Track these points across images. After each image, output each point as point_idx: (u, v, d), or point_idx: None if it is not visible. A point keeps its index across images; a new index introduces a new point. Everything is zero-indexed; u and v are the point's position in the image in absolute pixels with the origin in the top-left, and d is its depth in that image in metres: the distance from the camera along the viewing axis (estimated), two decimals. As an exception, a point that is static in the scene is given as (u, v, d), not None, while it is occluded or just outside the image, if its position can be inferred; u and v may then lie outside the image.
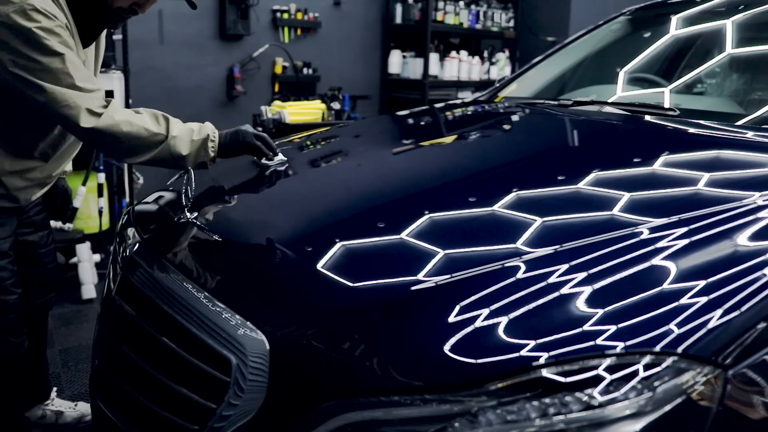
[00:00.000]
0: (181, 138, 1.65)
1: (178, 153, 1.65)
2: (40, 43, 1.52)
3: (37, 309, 2.07)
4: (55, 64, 1.53)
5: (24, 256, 1.92)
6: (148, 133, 1.61)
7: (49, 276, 2.05)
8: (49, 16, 1.54)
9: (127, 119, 1.60)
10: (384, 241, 1.21)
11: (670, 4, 2.51)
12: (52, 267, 2.07)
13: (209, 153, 1.70)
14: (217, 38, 4.76)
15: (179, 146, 1.64)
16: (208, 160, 1.71)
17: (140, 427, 1.22)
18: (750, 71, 2.26)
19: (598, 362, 0.88)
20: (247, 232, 1.40)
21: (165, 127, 1.64)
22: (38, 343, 2.14)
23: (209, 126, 1.73)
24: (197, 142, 1.67)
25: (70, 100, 1.54)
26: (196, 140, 1.67)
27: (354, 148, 2.03)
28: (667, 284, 0.98)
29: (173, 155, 1.65)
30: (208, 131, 1.70)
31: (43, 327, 2.16)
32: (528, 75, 2.62)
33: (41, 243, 2.00)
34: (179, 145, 1.64)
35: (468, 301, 0.98)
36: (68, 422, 2.26)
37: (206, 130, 1.70)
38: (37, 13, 1.52)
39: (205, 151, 1.69)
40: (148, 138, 1.61)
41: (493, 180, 1.52)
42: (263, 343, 1.03)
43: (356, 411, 0.93)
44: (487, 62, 6.11)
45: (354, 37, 5.59)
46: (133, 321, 1.27)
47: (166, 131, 1.63)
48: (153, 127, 1.62)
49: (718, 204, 1.18)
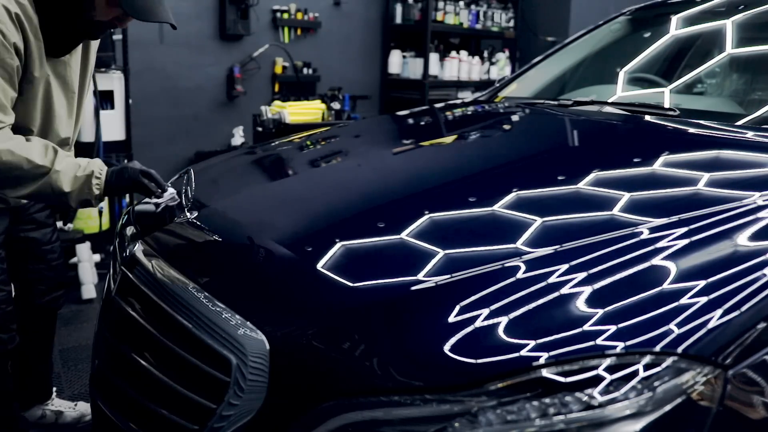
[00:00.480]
0: (64, 173, 1.58)
1: (60, 189, 1.57)
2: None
3: (44, 308, 2.07)
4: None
5: (26, 252, 1.93)
6: (30, 164, 1.54)
7: (53, 273, 2.05)
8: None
9: (9, 149, 1.53)
10: (384, 241, 1.21)
11: (670, 4, 2.51)
12: (57, 264, 2.07)
13: (93, 190, 1.61)
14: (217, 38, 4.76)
15: (62, 181, 1.57)
16: (92, 198, 1.63)
17: (140, 427, 1.22)
18: (750, 71, 2.26)
19: (598, 362, 0.88)
20: (247, 232, 1.40)
21: (51, 160, 1.57)
22: (44, 342, 2.14)
23: (97, 162, 1.65)
24: (81, 178, 1.60)
25: None
26: (80, 176, 1.60)
27: (354, 148, 2.03)
28: (667, 284, 0.98)
29: (54, 190, 1.58)
30: (94, 167, 1.62)
31: (51, 327, 2.16)
32: (528, 75, 2.62)
33: (44, 240, 2.00)
34: (62, 179, 1.57)
35: (468, 301, 0.98)
36: (68, 422, 2.26)
37: (92, 167, 1.62)
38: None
39: (89, 189, 1.61)
40: (29, 170, 1.54)
41: (493, 180, 1.52)
42: (263, 343, 1.03)
43: (356, 411, 0.93)
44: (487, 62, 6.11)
45: (354, 37, 5.59)
46: (133, 321, 1.27)
47: (51, 164, 1.56)
48: (37, 159, 1.55)
49: (718, 204, 1.18)
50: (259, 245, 1.32)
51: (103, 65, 3.53)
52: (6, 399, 1.90)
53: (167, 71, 4.55)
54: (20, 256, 1.88)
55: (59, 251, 2.09)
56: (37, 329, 2.00)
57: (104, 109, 3.60)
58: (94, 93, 3.40)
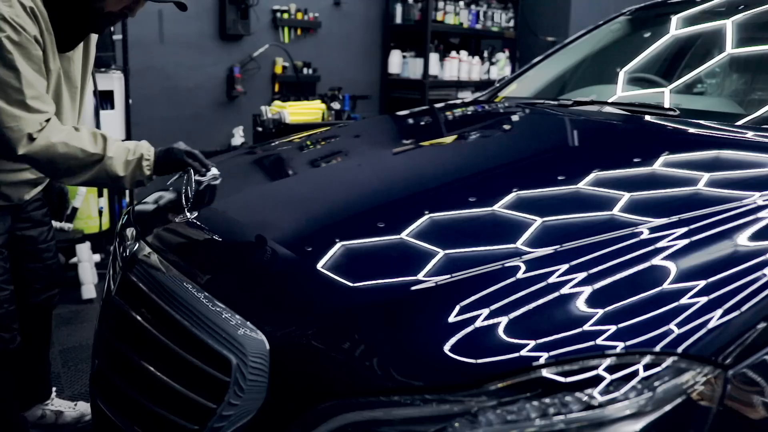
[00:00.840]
0: (117, 158, 1.65)
1: (114, 173, 1.65)
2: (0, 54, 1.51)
3: (40, 306, 2.07)
4: (8, 79, 1.53)
5: (23, 250, 1.93)
6: (84, 154, 1.61)
7: (49, 272, 2.05)
8: (17, 28, 1.53)
9: (65, 140, 1.59)
10: (384, 241, 1.21)
11: (670, 4, 2.51)
12: (53, 263, 2.07)
13: (144, 172, 1.70)
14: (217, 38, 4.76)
15: (115, 166, 1.65)
16: (144, 179, 1.71)
17: (140, 427, 1.22)
18: (750, 71, 2.26)
19: (598, 362, 0.88)
20: (247, 231, 1.40)
21: (102, 147, 1.64)
22: (41, 342, 2.14)
23: (145, 144, 1.73)
24: (132, 162, 1.68)
25: (13, 123, 1.54)
26: (131, 160, 1.68)
27: (354, 148, 2.03)
28: (667, 284, 0.98)
29: (110, 176, 1.66)
30: (143, 150, 1.70)
31: (47, 326, 2.16)
32: (528, 75, 2.62)
33: (41, 239, 2.01)
34: (115, 165, 1.65)
35: (468, 301, 0.98)
36: (68, 422, 2.26)
37: (141, 150, 1.70)
38: (5, 23, 1.51)
39: (140, 171, 1.69)
40: (84, 159, 1.62)
41: (493, 180, 1.52)
42: (263, 343, 1.03)
43: (356, 411, 0.93)
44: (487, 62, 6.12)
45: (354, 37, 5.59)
46: (133, 321, 1.27)
47: (103, 151, 1.64)
48: (90, 148, 1.62)
49: (718, 204, 1.18)
50: (259, 245, 1.32)
51: (103, 65, 3.53)
52: (6, 399, 1.90)
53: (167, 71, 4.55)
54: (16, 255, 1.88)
55: (54, 250, 2.09)
56: (33, 328, 2.00)
57: (104, 109, 3.60)
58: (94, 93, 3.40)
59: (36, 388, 2.23)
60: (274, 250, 1.26)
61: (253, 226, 1.42)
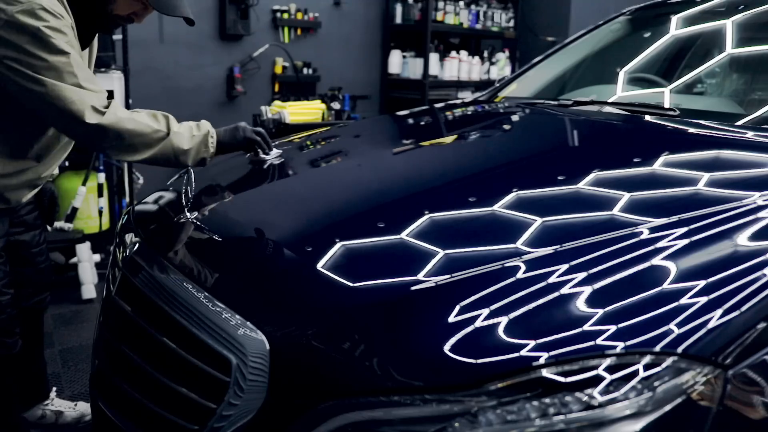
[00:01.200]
0: (182, 134, 1.68)
1: (180, 148, 1.67)
2: (46, 41, 1.53)
3: (31, 309, 2.06)
4: (60, 63, 1.54)
5: (16, 255, 1.93)
6: (151, 129, 1.63)
7: (41, 276, 2.05)
8: (57, 15, 1.56)
9: (131, 116, 1.62)
10: (384, 241, 1.21)
11: (670, 4, 2.51)
12: (45, 267, 2.07)
13: (209, 149, 1.73)
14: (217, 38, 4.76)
15: (181, 142, 1.67)
16: (208, 156, 1.74)
17: (140, 427, 1.22)
18: (750, 71, 2.26)
19: (598, 362, 0.88)
20: (247, 232, 1.40)
21: (165, 124, 1.67)
22: (34, 343, 2.14)
23: (207, 123, 1.77)
24: (198, 137, 1.71)
25: (75, 97, 1.55)
26: (197, 136, 1.71)
27: (354, 148, 2.03)
28: (667, 284, 0.98)
29: (175, 151, 1.67)
30: (207, 128, 1.75)
31: (39, 327, 2.16)
32: (528, 75, 2.62)
33: (33, 243, 2.00)
34: (181, 141, 1.67)
35: (468, 301, 0.98)
36: (68, 422, 2.26)
37: (206, 127, 1.74)
38: (46, 12, 1.54)
39: (206, 147, 1.72)
40: (150, 134, 1.63)
41: (493, 180, 1.52)
42: (263, 343, 1.03)
43: (356, 411, 0.93)
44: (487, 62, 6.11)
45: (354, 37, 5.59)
46: (133, 321, 1.27)
47: (167, 128, 1.66)
48: (155, 124, 1.65)
49: (718, 204, 1.18)
50: (259, 245, 1.32)
51: (103, 65, 3.53)
52: (8, 402, 1.90)
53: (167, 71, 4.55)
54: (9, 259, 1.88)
55: (46, 253, 2.08)
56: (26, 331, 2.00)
57: (104, 108, 3.59)
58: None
59: (34, 389, 2.22)
60: (274, 250, 1.26)
61: (253, 226, 1.42)
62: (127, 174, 3.79)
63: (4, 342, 1.81)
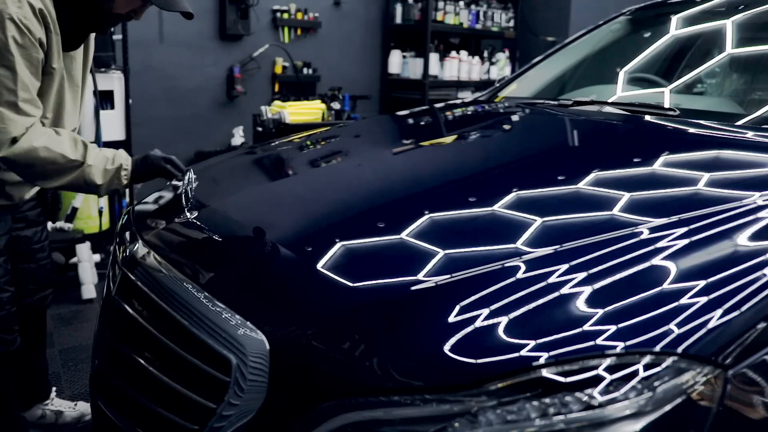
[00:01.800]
0: (96, 167, 1.69)
1: (92, 181, 1.69)
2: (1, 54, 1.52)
3: (33, 306, 2.07)
4: (4, 80, 1.54)
5: (17, 250, 1.93)
6: (65, 159, 1.64)
7: (43, 271, 2.05)
8: (23, 29, 1.55)
9: (45, 145, 1.61)
10: (384, 241, 1.21)
11: (670, 4, 2.51)
12: (46, 263, 2.08)
13: (122, 181, 1.75)
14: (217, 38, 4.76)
15: (94, 174, 1.69)
16: (120, 188, 1.76)
17: (140, 427, 1.22)
18: (750, 71, 2.26)
19: (598, 362, 0.88)
20: (247, 232, 1.40)
21: (82, 153, 1.67)
22: (36, 341, 2.14)
23: (122, 154, 1.77)
24: (111, 171, 1.72)
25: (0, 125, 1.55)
26: (110, 169, 1.72)
27: (354, 148, 2.03)
28: (667, 284, 0.98)
29: (87, 182, 1.69)
30: (122, 160, 1.75)
31: (42, 325, 2.16)
32: (528, 75, 2.62)
33: (35, 239, 2.01)
34: (94, 173, 1.68)
35: (468, 301, 0.98)
36: (68, 422, 2.26)
37: (120, 160, 1.74)
38: (12, 23, 1.53)
39: (118, 180, 1.74)
40: (63, 164, 1.64)
41: (493, 180, 1.52)
42: (263, 343, 1.03)
43: (356, 411, 0.93)
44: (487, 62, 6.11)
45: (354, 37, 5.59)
46: (133, 321, 1.27)
47: (83, 158, 1.67)
48: (70, 154, 1.65)
49: (718, 204, 1.18)
50: (259, 245, 1.32)
51: (103, 65, 3.53)
52: (6, 399, 1.90)
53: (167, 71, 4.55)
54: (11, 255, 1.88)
55: (48, 250, 2.10)
56: (28, 328, 2.00)
57: (104, 109, 3.59)
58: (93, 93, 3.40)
59: (34, 388, 2.23)
60: (274, 249, 1.26)
61: (253, 225, 1.42)
62: (127, 174, 3.78)
63: (3, 339, 1.82)
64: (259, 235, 1.36)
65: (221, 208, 1.54)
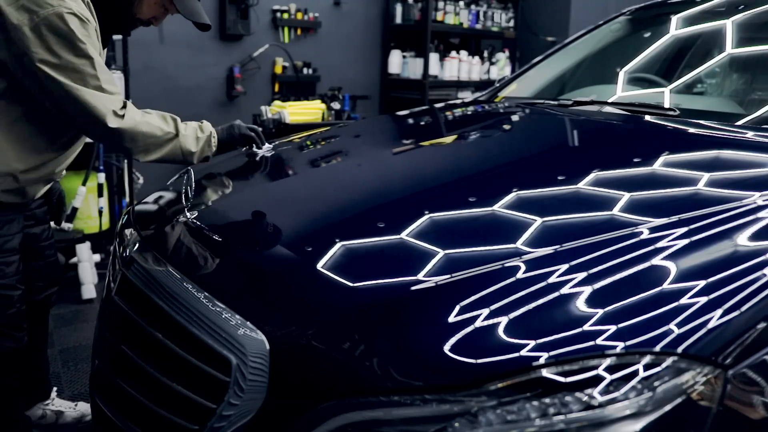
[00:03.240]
0: (189, 136, 1.80)
1: (188, 149, 1.79)
2: (74, 45, 1.59)
3: (39, 303, 2.08)
4: (85, 67, 1.62)
5: (28, 248, 1.95)
6: (162, 132, 1.74)
7: (51, 269, 2.08)
8: (84, 19, 1.62)
9: (144, 119, 1.71)
10: (384, 241, 1.21)
11: (670, 4, 2.51)
12: (54, 260, 2.11)
13: (212, 148, 1.86)
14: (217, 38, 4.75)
15: (189, 144, 1.79)
16: (210, 154, 1.87)
17: (140, 427, 1.22)
18: (750, 71, 2.26)
19: (598, 362, 0.88)
20: (247, 232, 1.40)
21: (174, 126, 1.77)
22: (39, 340, 2.15)
23: (209, 124, 1.89)
24: (203, 138, 1.83)
25: (97, 101, 1.63)
26: (201, 137, 1.83)
27: (354, 148, 2.03)
28: (667, 284, 0.98)
29: (183, 152, 1.79)
30: (210, 128, 1.87)
31: (45, 324, 2.17)
32: (528, 75, 2.62)
33: (42, 236, 2.03)
34: (188, 142, 1.79)
35: (468, 301, 0.98)
36: (68, 422, 2.26)
37: (209, 128, 1.87)
38: (74, 16, 1.60)
39: (209, 146, 1.85)
40: (161, 137, 1.74)
41: (493, 180, 1.52)
42: (263, 343, 1.03)
43: (356, 411, 0.93)
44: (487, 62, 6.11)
45: (354, 37, 5.59)
46: (133, 321, 1.27)
47: (175, 129, 1.77)
48: (165, 126, 1.75)
49: (718, 204, 1.18)
50: (259, 245, 1.32)
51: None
52: (12, 397, 1.91)
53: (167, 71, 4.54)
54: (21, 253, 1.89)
55: (54, 248, 2.12)
56: (33, 326, 2.02)
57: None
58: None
59: (36, 387, 2.23)
60: (274, 250, 1.26)
61: (253, 225, 1.42)
62: (127, 174, 3.79)
63: (12, 335, 1.84)
64: (259, 234, 1.36)
65: (221, 208, 1.54)
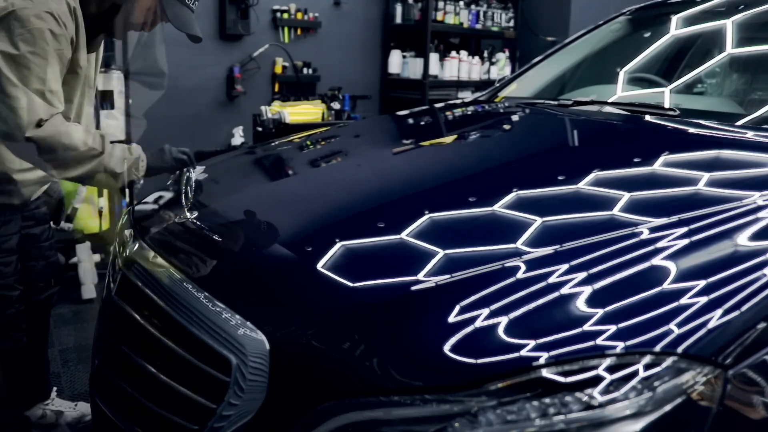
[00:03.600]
0: (115, 156, 1.70)
1: (112, 170, 1.70)
2: (37, 41, 1.55)
3: (40, 304, 2.08)
4: (36, 67, 1.56)
5: (27, 249, 1.95)
6: (86, 147, 1.65)
7: (51, 269, 2.08)
8: (60, 24, 1.59)
9: (68, 131, 1.62)
10: (384, 241, 1.21)
11: (670, 4, 2.50)
12: (54, 261, 2.11)
13: (140, 171, 1.77)
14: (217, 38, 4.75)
15: (113, 164, 1.70)
16: (136, 179, 1.78)
17: (140, 427, 1.22)
18: (750, 71, 2.26)
19: (598, 362, 0.88)
20: (247, 231, 1.40)
21: (101, 143, 1.68)
22: (40, 340, 2.15)
23: (138, 147, 1.80)
24: (130, 160, 1.74)
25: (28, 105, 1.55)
26: (129, 159, 1.74)
27: (354, 148, 2.03)
28: (667, 284, 0.98)
29: (107, 171, 1.70)
30: (139, 152, 1.77)
31: (45, 324, 2.17)
32: (528, 75, 2.62)
33: (42, 237, 2.04)
34: (114, 162, 1.70)
35: (468, 301, 0.98)
36: (68, 422, 2.26)
37: (137, 151, 1.77)
38: (51, 16, 1.57)
39: (137, 169, 1.76)
40: (84, 152, 1.65)
41: (493, 180, 1.52)
42: (263, 343, 1.03)
43: (356, 411, 0.93)
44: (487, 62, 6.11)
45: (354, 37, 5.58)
46: (132, 321, 1.27)
47: (101, 147, 1.68)
48: (90, 142, 1.66)
49: (718, 204, 1.18)
50: (259, 245, 1.32)
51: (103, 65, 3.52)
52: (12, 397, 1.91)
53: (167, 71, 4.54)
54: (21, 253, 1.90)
55: (54, 248, 2.12)
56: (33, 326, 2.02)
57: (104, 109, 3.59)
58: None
59: (36, 387, 2.23)
60: (274, 249, 1.26)
61: (253, 226, 1.42)
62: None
63: (10, 336, 1.84)
64: (259, 235, 1.36)
65: (221, 208, 1.54)
